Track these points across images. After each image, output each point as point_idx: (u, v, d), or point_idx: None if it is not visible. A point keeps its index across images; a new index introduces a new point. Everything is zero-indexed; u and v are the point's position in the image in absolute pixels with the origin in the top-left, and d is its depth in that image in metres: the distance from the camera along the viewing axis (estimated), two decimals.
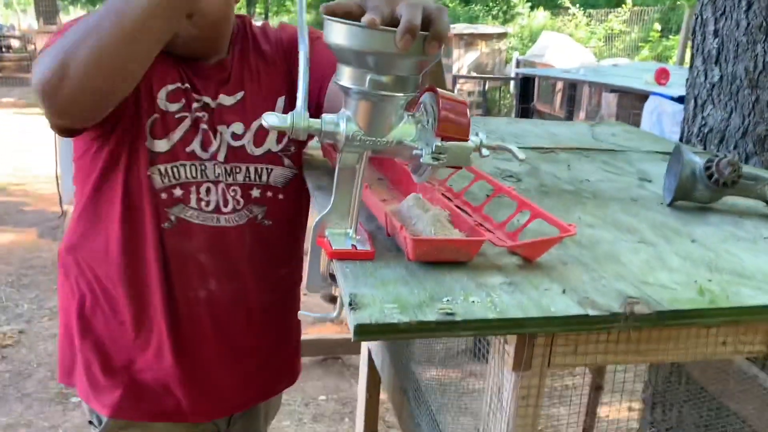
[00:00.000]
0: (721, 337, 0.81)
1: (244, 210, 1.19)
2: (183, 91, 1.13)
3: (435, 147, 0.74)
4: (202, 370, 1.22)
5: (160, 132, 1.12)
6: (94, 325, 1.20)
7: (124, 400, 1.20)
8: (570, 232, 0.80)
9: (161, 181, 1.13)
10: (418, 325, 0.65)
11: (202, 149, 1.15)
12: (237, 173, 1.18)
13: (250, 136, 1.18)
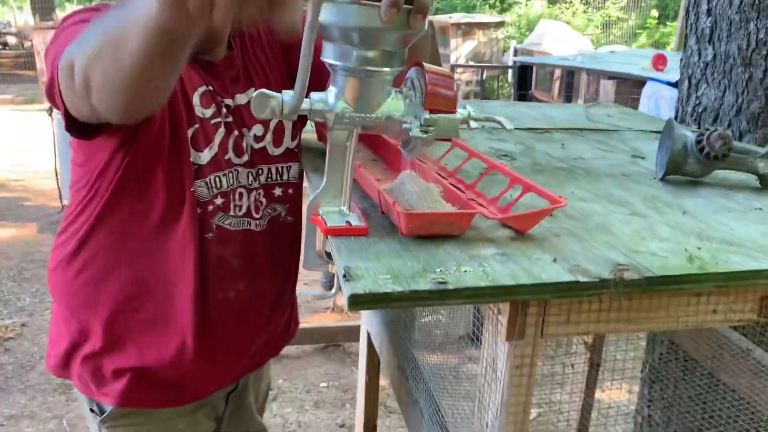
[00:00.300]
0: (711, 305, 0.82)
1: (267, 209, 1.20)
2: (210, 93, 1.09)
3: (423, 120, 0.75)
4: (218, 360, 1.22)
5: (202, 142, 1.08)
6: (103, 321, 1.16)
7: (131, 390, 1.18)
8: (560, 203, 0.81)
9: (208, 193, 1.10)
10: (411, 294, 0.66)
11: (235, 155, 1.13)
12: (260, 175, 1.18)
13: (270, 137, 1.18)
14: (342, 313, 3.64)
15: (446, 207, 0.84)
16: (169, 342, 1.17)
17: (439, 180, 0.93)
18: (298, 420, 2.72)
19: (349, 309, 0.66)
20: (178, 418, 1.25)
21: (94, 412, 1.23)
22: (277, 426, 2.66)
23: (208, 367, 1.22)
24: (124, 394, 1.17)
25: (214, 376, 1.26)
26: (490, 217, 0.83)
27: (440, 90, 0.76)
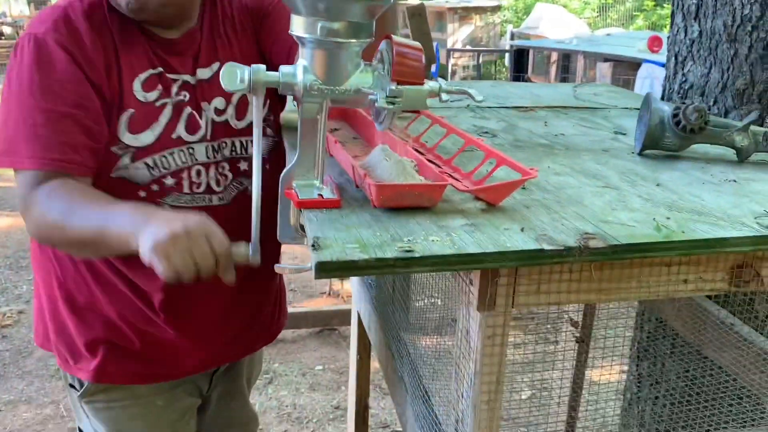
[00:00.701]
0: (682, 275, 0.83)
1: (233, 184, 1.20)
2: (157, 76, 1.11)
3: (390, 91, 0.76)
4: (193, 335, 1.23)
5: (141, 125, 1.09)
6: (75, 294, 1.20)
7: (105, 365, 1.20)
8: (531, 175, 0.82)
9: (150, 174, 1.11)
10: (376, 262, 0.67)
11: (189, 133, 1.13)
12: (223, 149, 1.18)
13: (231, 110, 1.18)
14: (338, 298, 3.66)
15: (418, 180, 0.85)
16: (140, 311, 1.19)
17: (413, 154, 0.93)
18: (294, 402, 2.74)
19: (316, 277, 0.66)
20: (155, 395, 1.27)
21: (73, 387, 1.26)
22: (272, 408, 2.69)
23: (182, 342, 1.23)
24: (98, 369, 1.20)
25: (190, 353, 1.26)
26: (461, 189, 0.84)
27: (407, 61, 0.76)
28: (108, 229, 0.96)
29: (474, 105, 1.52)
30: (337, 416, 2.66)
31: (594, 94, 1.79)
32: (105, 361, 1.20)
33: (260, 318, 1.37)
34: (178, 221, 0.90)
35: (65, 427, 2.52)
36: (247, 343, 1.37)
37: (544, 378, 2.05)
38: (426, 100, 0.78)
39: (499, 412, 0.85)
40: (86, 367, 1.21)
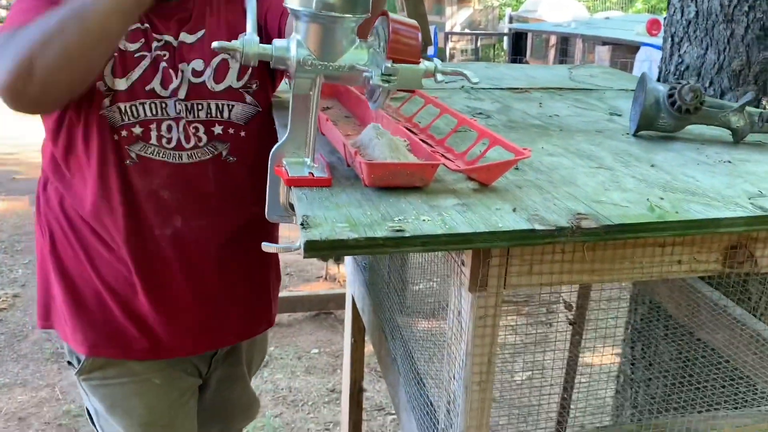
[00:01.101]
0: (676, 255, 0.83)
1: (207, 146, 1.19)
2: (142, 31, 1.13)
3: (385, 68, 0.74)
4: (174, 307, 1.24)
5: (119, 71, 1.12)
6: (66, 262, 1.22)
7: (99, 338, 1.22)
8: (524, 155, 0.81)
9: (120, 119, 1.13)
10: (366, 241, 0.66)
11: (162, 87, 1.14)
12: (199, 110, 1.18)
13: (210, 72, 1.18)
14: (334, 282, 3.66)
15: (411, 159, 0.84)
16: (120, 277, 1.21)
17: (406, 133, 0.92)
18: (290, 386, 2.75)
19: (305, 256, 0.66)
20: (152, 373, 1.27)
21: (71, 364, 1.27)
22: (268, 392, 2.69)
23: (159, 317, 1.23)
24: (92, 343, 1.22)
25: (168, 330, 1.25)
26: (453, 168, 0.83)
27: (403, 39, 0.75)
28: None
29: (468, 86, 1.50)
30: (333, 399, 2.67)
31: (590, 76, 1.78)
32: (98, 335, 1.21)
33: (254, 300, 1.36)
34: None
35: (61, 409, 2.53)
36: (239, 329, 1.36)
37: (537, 360, 2.06)
38: (421, 79, 0.77)
39: (490, 394, 0.85)
40: (82, 340, 1.22)
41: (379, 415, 2.60)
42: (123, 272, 1.21)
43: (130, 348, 1.24)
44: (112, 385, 1.27)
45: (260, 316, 1.40)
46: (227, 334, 1.35)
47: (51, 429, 2.42)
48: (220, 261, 1.26)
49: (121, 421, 1.28)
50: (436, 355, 1.43)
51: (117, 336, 1.23)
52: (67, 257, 1.22)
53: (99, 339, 1.22)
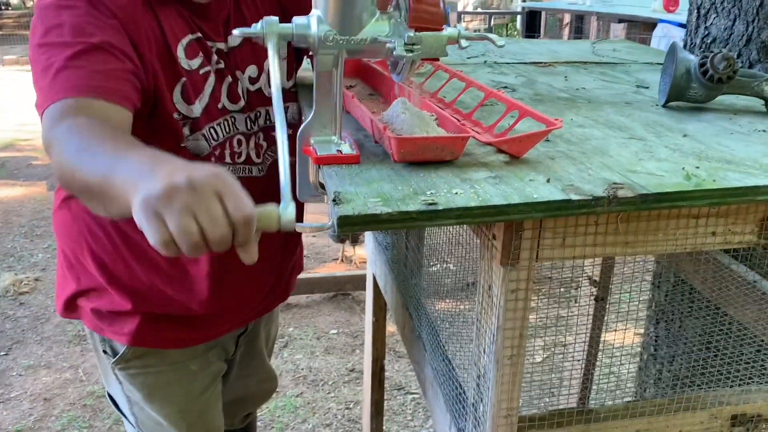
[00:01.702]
0: (710, 227, 0.81)
1: (268, 152, 1.17)
2: (197, 41, 1.04)
3: (407, 38, 0.73)
4: (230, 304, 1.23)
5: (192, 95, 1.03)
6: (110, 265, 1.17)
7: (143, 330, 1.19)
8: (556, 125, 0.79)
9: (208, 145, 1.07)
10: (399, 215, 0.65)
11: (231, 102, 1.09)
12: (258, 118, 1.15)
13: (264, 78, 1.14)
14: (350, 263, 3.66)
15: (439, 132, 0.83)
16: (171, 276, 1.17)
17: (433, 107, 0.91)
18: (309, 366, 2.76)
19: (339, 231, 0.65)
20: (189, 360, 1.27)
21: (106, 353, 1.25)
22: (288, 372, 2.71)
23: (219, 310, 1.23)
24: (136, 333, 1.19)
25: (225, 318, 1.27)
26: (483, 141, 0.82)
27: (424, 6, 0.73)
28: (112, 177, 0.72)
29: (491, 61, 1.48)
30: (352, 379, 2.68)
31: (613, 50, 1.75)
32: (142, 325, 1.18)
33: (286, 277, 1.37)
34: (184, 171, 0.64)
35: (85, 390, 2.56)
36: (273, 299, 1.38)
37: (558, 339, 2.05)
38: (445, 46, 0.76)
39: (522, 368, 0.84)
40: (122, 330, 1.19)
41: (399, 394, 2.61)
42: (178, 273, 1.17)
43: (174, 339, 1.23)
44: (151, 373, 1.25)
45: (289, 285, 1.41)
46: (263, 307, 1.35)
47: (76, 409, 2.46)
48: (280, 254, 1.27)
49: (159, 409, 1.27)
50: (457, 336, 1.43)
51: (158, 326, 1.21)
52: (113, 261, 1.16)
53: (143, 330, 1.19)
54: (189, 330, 1.23)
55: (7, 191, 4.81)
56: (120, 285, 1.18)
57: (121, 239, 1.16)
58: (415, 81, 1.16)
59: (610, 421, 0.93)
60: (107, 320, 1.21)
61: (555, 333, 1.98)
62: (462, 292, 2.09)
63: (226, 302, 1.23)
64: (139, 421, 1.30)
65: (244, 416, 1.64)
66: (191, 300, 1.19)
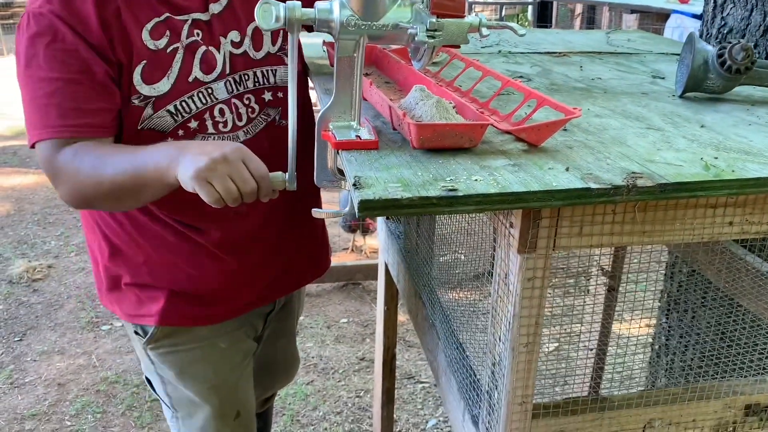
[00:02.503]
0: (728, 217, 0.81)
1: (260, 116, 1.19)
2: (163, 23, 1.08)
3: (430, 24, 0.73)
4: (249, 266, 1.27)
5: (155, 74, 1.08)
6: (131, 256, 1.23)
7: (168, 309, 1.23)
8: (575, 114, 0.79)
9: (173, 120, 1.11)
10: (419, 200, 0.66)
11: (204, 73, 1.12)
12: (246, 80, 1.17)
13: (248, 41, 1.16)
14: (360, 253, 3.67)
15: (458, 119, 0.83)
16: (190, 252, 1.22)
17: (451, 95, 0.91)
18: (320, 354, 2.78)
19: (359, 215, 0.66)
20: (218, 337, 1.30)
21: (138, 334, 1.29)
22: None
23: (235, 282, 1.26)
24: (162, 313, 1.23)
25: (244, 291, 1.29)
26: (502, 129, 0.82)
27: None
28: (144, 169, 0.97)
29: (506, 50, 1.48)
30: (363, 367, 2.70)
31: (628, 40, 1.74)
32: (167, 305, 1.23)
33: (306, 252, 1.40)
34: (215, 148, 0.92)
35: (98, 376, 2.59)
36: (298, 276, 1.41)
37: (569, 331, 2.06)
38: (467, 34, 0.76)
39: (537, 356, 0.85)
40: (149, 312, 1.24)
41: (409, 383, 2.62)
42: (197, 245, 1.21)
43: (201, 316, 1.26)
44: (181, 351, 1.29)
45: (312, 265, 1.44)
46: (287, 282, 1.38)
47: (89, 395, 2.48)
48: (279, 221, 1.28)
49: (191, 386, 1.31)
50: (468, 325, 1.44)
51: (187, 304, 1.24)
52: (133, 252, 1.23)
53: (170, 309, 1.24)
54: (212, 306, 1.26)
55: (20, 179, 4.85)
56: (140, 271, 1.24)
57: (138, 233, 1.21)
58: (430, 70, 1.17)
59: (624, 409, 0.94)
60: (135, 305, 1.26)
61: (561, 323, 1.98)
62: (472, 282, 2.10)
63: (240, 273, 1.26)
64: (173, 401, 1.35)
65: (264, 400, 1.66)
66: (205, 272, 1.23)
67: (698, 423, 0.96)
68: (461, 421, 1.05)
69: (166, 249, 1.21)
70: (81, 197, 1.05)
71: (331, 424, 2.38)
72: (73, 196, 1.04)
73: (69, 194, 1.05)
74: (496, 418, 0.89)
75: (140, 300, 1.25)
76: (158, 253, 1.22)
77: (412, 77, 1.05)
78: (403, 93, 1.09)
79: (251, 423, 1.43)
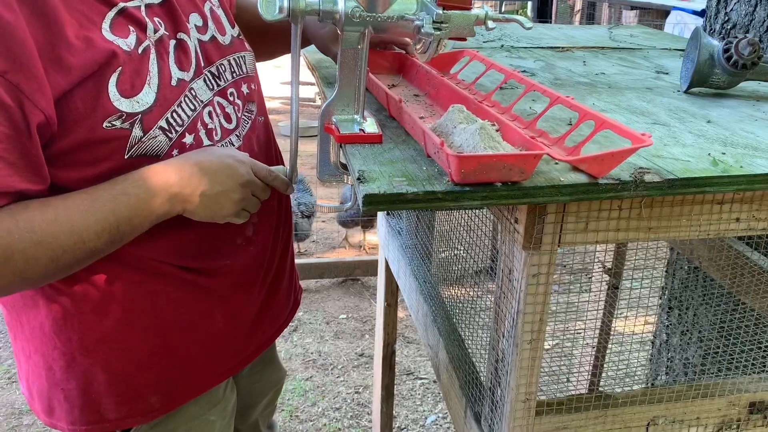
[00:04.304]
0: (734, 213, 0.81)
1: (245, 113, 1.04)
2: (120, 14, 0.84)
3: (436, 15, 0.72)
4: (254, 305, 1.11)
5: (135, 82, 0.83)
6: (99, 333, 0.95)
7: (171, 388, 1.02)
8: (645, 142, 0.68)
9: (168, 138, 0.88)
10: (425, 195, 0.65)
11: (180, 69, 0.90)
12: (224, 71, 0.99)
13: (212, 25, 0.99)
14: (359, 249, 3.67)
15: (506, 148, 0.71)
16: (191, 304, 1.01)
17: (493, 115, 0.79)
18: (319, 350, 2.77)
19: (364, 210, 0.65)
20: (208, 411, 1.10)
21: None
22: (298, 356, 2.72)
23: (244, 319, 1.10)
24: (168, 397, 1.02)
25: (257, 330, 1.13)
26: (558, 158, 0.71)
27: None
28: (120, 210, 0.81)
29: (509, 45, 1.47)
30: (362, 363, 2.69)
31: (630, 36, 1.74)
32: (170, 385, 1.01)
33: (279, 296, 1.19)
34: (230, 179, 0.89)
35: None
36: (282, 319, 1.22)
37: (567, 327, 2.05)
38: (473, 26, 0.75)
39: (541, 352, 0.84)
40: (133, 411, 1.00)
41: (408, 379, 2.62)
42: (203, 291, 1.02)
43: (200, 384, 1.06)
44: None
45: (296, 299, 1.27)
46: (273, 327, 1.19)
47: None
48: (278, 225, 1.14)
49: None
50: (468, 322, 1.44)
51: (188, 374, 1.04)
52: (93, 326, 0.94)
53: (174, 388, 1.02)
54: (213, 364, 1.07)
55: None
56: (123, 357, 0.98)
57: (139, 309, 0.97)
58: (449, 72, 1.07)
59: (628, 406, 0.93)
60: (127, 405, 1.00)
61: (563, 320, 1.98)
62: (472, 279, 2.09)
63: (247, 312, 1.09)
64: None
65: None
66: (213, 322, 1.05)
67: (702, 420, 0.95)
68: (463, 418, 1.04)
69: (171, 307, 0.98)
70: (35, 277, 0.80)
71: (330, 419, 2.37)
72: (25, 280, 0.79)
73: (16, 281, 0.78)
74: (499, 415, 0.88)
75: (132, 392, 0.99)
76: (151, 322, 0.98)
77: (444, 89, 0.92)
78: (434, 107, 0.95)
79: None
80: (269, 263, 1.13)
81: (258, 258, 1.09)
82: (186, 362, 1.02)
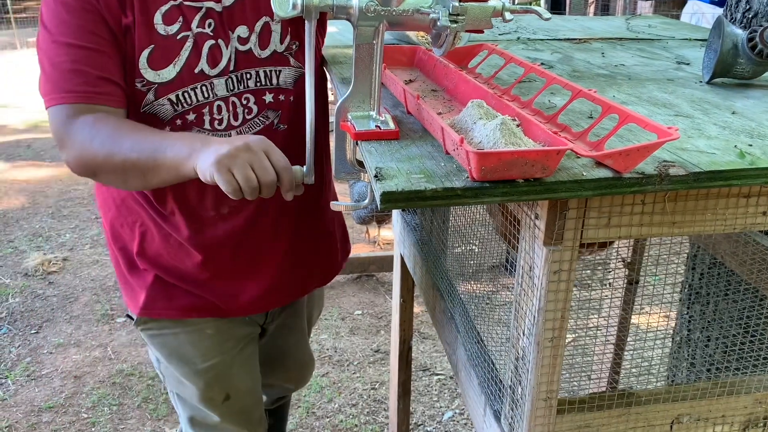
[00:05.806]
0: (761, 207, 0.78)
1: (258, 117, 1.16)
2: (177, 7, 1.07)
3: (452, 8, 0.70)
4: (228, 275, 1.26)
5: (162, 60, 1.07)
6: (122, 233, 1.25)
7: (153, 301, 1.25)
8: (671, 135, 0.66)
9: (173, 110, 1.09)
10: (443, 192, 0.64)
11: (210, 66, 1.10)
12: (248, 79, 1.14)
13: (255, 38, 1.13)
14: (374, 245, 3.66)
15: (527, 143, 0.69)
16: (176, 246, 1.23)
17: (514, 110, 0.78)
18: (335, 346, 2.77)
19: (382, 208, 0.64)
20: (205, 323, 1.30)
21: (129, 317, 1.32)
22: (314, 351, 2.72)
23: (217, 279, 1.26)
24: (145, 306, 1.26)
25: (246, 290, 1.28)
26: (582, 154, 0.68)
27: None
28: (163, 153, 0.97)
29: (525, 37, 1.45)
30: (378, 359, 2.68)
31: (648, 26, 1.71)
32: (151, 297, 1.25)
33: (315, 257, 1.37)
34: (238, 138, 0.92)
35: (114, 368, 2.59)
36: (303, 282, 1.38)
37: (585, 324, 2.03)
38: (491, 18, 0.73)
39: (563, 350, 0.82)
40: (136, 302, 1.27)
41: (424, 375, 2.60)
42: (181, 246, 1.23)
43: (186, 307, 1.27)
44: (167, 335, 1.30)
45: (320, 271, 1.41)
46: (287, 294, 1.36)
47: (105, 387, 2.49)
48: (276, 229, 1.26)
49: (180, 369, 1.32)
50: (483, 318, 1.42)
51: (172, 297, 1.26)
52: (133, 238, 1.24)
53: (153, 300, 1.25)
54: (200, 301, 1.26)
55: (34, 172, 4.86)
56: (133, 260, 1.26)
57: (153, 223, 1.22)
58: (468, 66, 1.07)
59: (651, 404, 0.91)
60: (127, 292, 1.29)
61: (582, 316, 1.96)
62: (486, 274, 2.07)
63: (223, 268, 1.25)
64: (167, 379, 1.37)
65: (276, 398, 1.65)
66: (187, 261, 1.24)
67: (728, 419, 0.93)
68: (482, 416, 1.03)
69: (175, 251, 1.23)
70: (88, 165, 1.03)
71: (347, 416, 2.37)
72: (80, 162, 1.03)
73: (77, 159, 1.03)
74: (519, 413, 0.87)
75: (131, 287, 1.27)
76: (165, 252, 1.24)
77: (463, 84, 0.92)
78: (453, 103, 0.94)
79: (247, 405, 1.41)
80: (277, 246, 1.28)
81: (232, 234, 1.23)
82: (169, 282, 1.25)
